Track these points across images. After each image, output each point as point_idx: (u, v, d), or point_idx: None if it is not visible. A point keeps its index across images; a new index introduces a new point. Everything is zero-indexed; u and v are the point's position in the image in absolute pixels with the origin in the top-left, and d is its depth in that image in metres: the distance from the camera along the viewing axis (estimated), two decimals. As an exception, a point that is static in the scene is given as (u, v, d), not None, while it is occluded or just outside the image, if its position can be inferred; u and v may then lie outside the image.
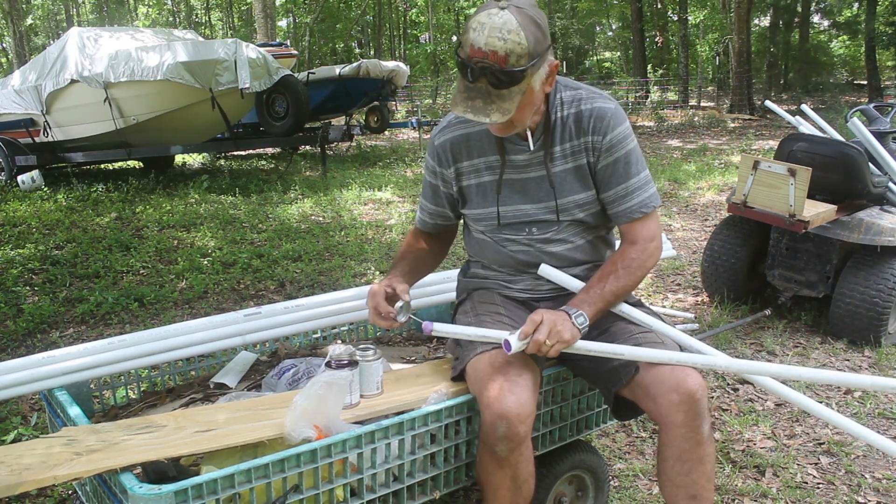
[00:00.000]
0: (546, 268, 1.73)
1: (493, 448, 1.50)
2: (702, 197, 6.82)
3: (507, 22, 1.42)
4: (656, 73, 18.40)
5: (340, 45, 28.19)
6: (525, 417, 1.49)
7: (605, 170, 1.67)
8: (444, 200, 1.84)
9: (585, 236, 1.76)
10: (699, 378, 1.53)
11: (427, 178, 1.85)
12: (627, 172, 1.66)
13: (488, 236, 1.80)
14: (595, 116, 1.64)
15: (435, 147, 1.78)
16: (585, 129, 1.65)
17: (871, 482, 2.25)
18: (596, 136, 1.64)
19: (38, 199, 6.65)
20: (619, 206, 1.69)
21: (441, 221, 1.90)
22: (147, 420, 1.56)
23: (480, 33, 1.43)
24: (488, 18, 1.43)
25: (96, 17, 30.51)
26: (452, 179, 1.78)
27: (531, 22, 1.45)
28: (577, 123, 1.65)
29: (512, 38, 1.42)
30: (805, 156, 3.34)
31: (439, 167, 1.78)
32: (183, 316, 3.75)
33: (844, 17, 22.94)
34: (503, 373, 1.54)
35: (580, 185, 1.69)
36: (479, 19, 1.44)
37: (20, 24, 19.81)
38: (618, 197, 1.68)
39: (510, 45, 1.42)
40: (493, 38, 1.42)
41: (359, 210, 6.44)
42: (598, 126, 1.64)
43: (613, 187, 1.67)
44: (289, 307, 2.00)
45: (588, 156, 1.67)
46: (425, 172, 1.86)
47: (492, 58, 1.43)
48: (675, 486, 1.57)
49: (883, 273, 3.17)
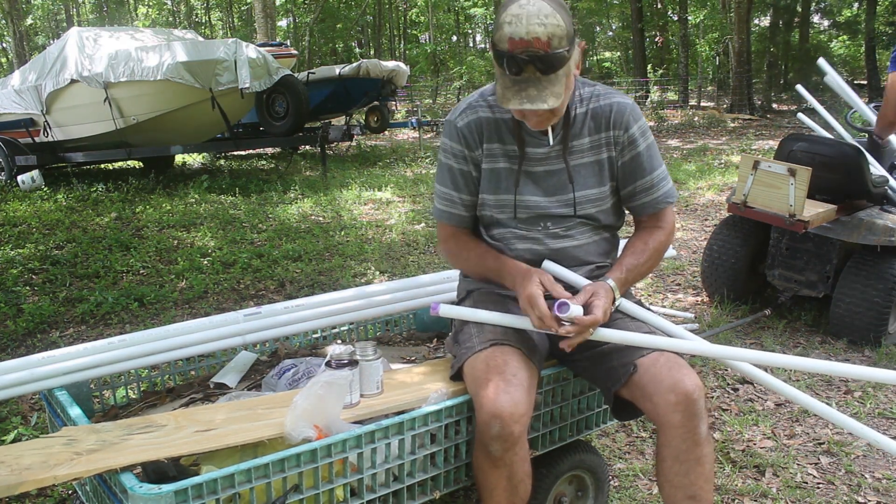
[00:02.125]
0: (549, 263, 1.72)
1: (487, 448, 1.50)
2: (702, 197, 6.82)
3: (542, 8, 1.45)
4: (656, 73, 18.37)
5: (340, 45, 28.18)
6: (519, 417, 1.49)
7: (630, 163, 1.71)
8: (475, 186, 1.76)
9: (593, 236, 1.76)
10: (696, 379, 1.53)
11: (455, 167, 1.73)
12: (651, 165, 1.71)
13: (494, 233, 1.78)
14: (616, 111, 1.67)
15: (459, 129, 1.71)
16: (607, 124, 1.68)
17: (871, 482, 2.25)
18: (618, 130, 1.68)
19: (38, 199, 6.65)
20: (645, 198, 1.74)
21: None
22: (147, 420, 1.56)
23: (518, 24, 1.44)
24: (521, 9, 1.45)
25: (96, 17, 30.49)
26: (481, 160, 1.73)
27: (560, 5, 1.48)
28: (597, 119, 1.68)
29: (551, 21, 1.44)
30: (805, 156, 3.34)
31: (468, 150, 1.72)
32: (183, 316, 3.75)
33: (844, 17, 22.93)
34: (498, 372, 1.54)
35: (595, 179, 1.71)
36: (512, 11, 1.46)
37: (20, 24, 19.81)
38: (644, 188, 1.73)
39: (550, 28, 1.44)
40: (534, 25, 1.43)
41: (359, 210, 6.44)
42: (619, 121, 1.67)
43: (638, 179, 1.72)
44: (289, 307, 2.00)
45: (610, 150, 1.70)
46: (450, 161, 1.74)
47: (536, 44, 1.44)
48: (673, 487, 1.57)
49: (883, 273, 3.17)
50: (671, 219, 1.78)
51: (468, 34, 34.93)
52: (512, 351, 1.60)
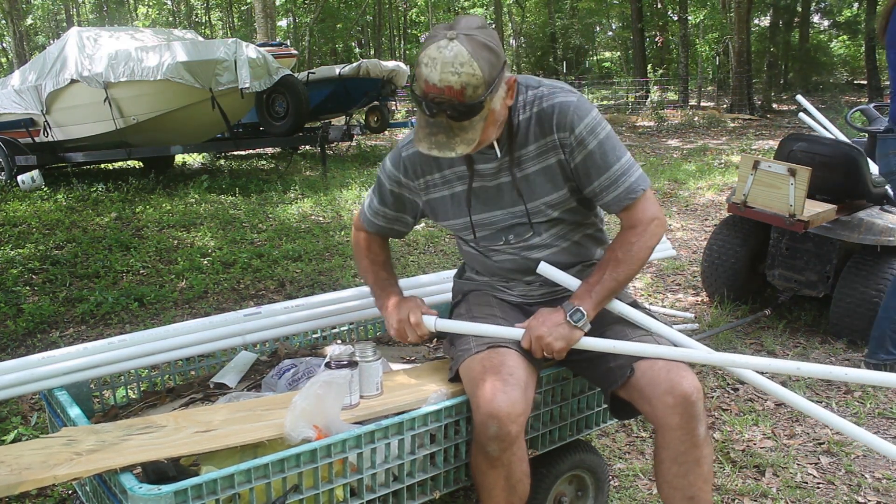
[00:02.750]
0: (545, 266, 1.71)
1: (485, 448, 1.50)
2: (702, 197, 6.82)
3: (459, 54, 1.39)
4: (656, 73, 18.37)
5: (340, 45, 28.17)
6: (516, 417, 1.48)
7: (583, 163, 1.60)
8: (408, 207, 1.81)
9: (570, 237, 1.73)
10: (694, 380, 1.52)
11: (386, 185, 1.79)
12: (606, 162, 1.59)
13: (472, 247, 1.79)
14: (558, 112, 1.57)
15: (402, 159, 1.74)
16: (550, 127, 1.59)
17: (871, 482, 2.25)
18: (562, 132, 1.58)
19: (38, 199, 6.65)
20: (607, 196, 1.62)
21: (399, 227, 1.89)
22: (147, 420, 1.56)
23: (433, 69, 1.40)
24: (438, 53, 1.40)
25: (96, 17, 30.49)
26: (421, 190, 1.75)
27: (482, 47, 1.42)
28: (541, 123, 1.60)
29: (466, 70, 1.39)
30: (805, 156, 3.34)
31: (405, 178, 1.75)
32: (183, 316, 3.75)
33: (844, 17, 22.91)
34: (495, 372, 1.53)
35: (550, 185, 1.65)
36: (430, 53, 1.41)
37: (20, 24, 19.81)
38: (603, 188, 1.61)
39: (464, 77, 1.40)
40: (447, 74, 1.39)
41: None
42: (563, 122, 1.57)
43: (596, 179, 1.61)
44: (289, 307, 2.00)
45: (558, 153, 1.61)
46: (384, 179, 1.79)
47: (448, 93, 1.40)
48: (672, 489, 1.57)
49: (883, 273, 3.17)
50: (645, 214, 1.63)
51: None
52: (508, 351, 1.60)
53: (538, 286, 1.78)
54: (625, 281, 1.63)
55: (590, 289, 1.61)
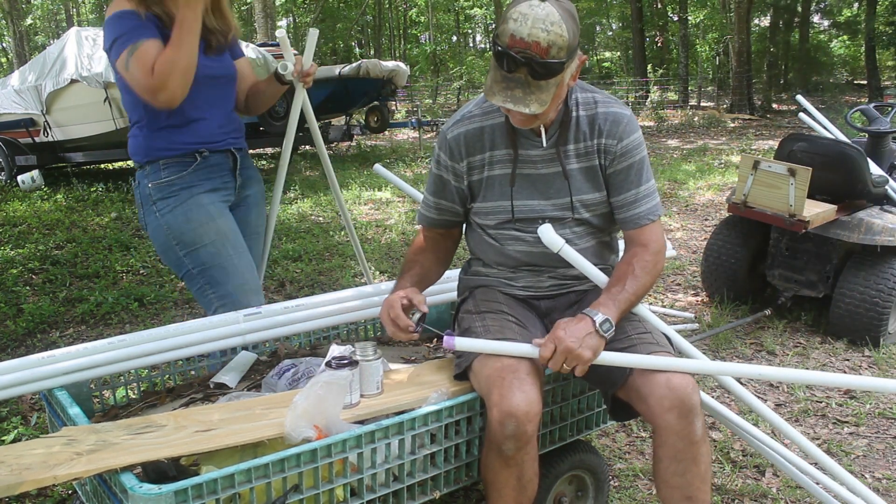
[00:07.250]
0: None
1: (500, 447, 1.50)
2: (702, 197, 6.82)
3: (550, 14, 1.44)
4: (656, 73, 18.37)
5: (340, 45, 28.19)
6: (533, 416, 1.49)
7: (618, 175, 1.69)
8: (455, 195, 1.80)
9: (590, 240, 1.76)
10: (691, 379, 1.53)
11: (435, 172, 1.80)
12: (639, 179, 1.69)
13: (493, 233, 1.78)
14: (611, 120, 1.66)
15: (448, 140, 1.75)
16: (600, 132, 1.66)
17: (871, 482, 2.25)
18: (610, 139, 1.66)
19: (38, 199, 6.66)
20: (627, 212, 1.70)
21: (450, 217, 1.86)
22: (147, 420, 1.56)
23: (523, 24, 1.43)
24: (530, 10, 1.44)
25: (96, 17, 30.46)
26: (464, 173, 1.76)
27: (570, 16, 1.47)
28: (592, 125, 1.67)
29: (555, 29, 1.44)
30: (805, 156, 3.34)
31: (451, 161, 1.76)
32: (183, 316, 3.75)
33: (844, 17, 22.94)
34: (511, 370, 1.53)
35: (591, 185, 1.70)
36: (521, 10, 1.45)
37: (20, 24, 19.81)
38: (628, 202, 1.70)
39: (553, 36, 1.44)
40: (537, 29, 1.43)
41: (359, 210, 6.44)
42: (614, 130, 1.66)
43: (623, 192, 1.69)
44: (289, 307, 2.00)
45: (600, 158, 1.68)
46: (434, 167, 1.81)
47: (534, 48, 1.44)
48: (670, 488, 1.57)
49: (883, 273, 3.17)
50: (657, 238, 1.70)
51: (468, 34, 34.96)
52: None
53: (547, 277, 1.78)
54: (642, 294, 1.65)
55: (613, 298, 1.59)
